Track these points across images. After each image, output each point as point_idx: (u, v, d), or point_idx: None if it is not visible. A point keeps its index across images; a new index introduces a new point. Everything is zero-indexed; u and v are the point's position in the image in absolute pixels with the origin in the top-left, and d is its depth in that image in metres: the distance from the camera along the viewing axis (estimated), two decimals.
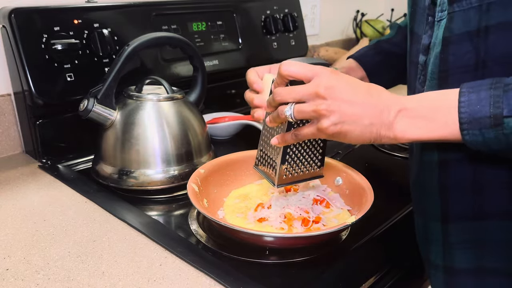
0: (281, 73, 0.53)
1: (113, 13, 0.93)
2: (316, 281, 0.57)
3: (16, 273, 0.57)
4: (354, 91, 0.51)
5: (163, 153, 0.80)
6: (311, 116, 0.52)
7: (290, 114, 0.53)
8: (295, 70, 0.53)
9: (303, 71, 0.52)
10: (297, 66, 0.53)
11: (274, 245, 0.62)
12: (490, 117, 0.45)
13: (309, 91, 0.51)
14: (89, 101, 0.78)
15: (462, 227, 0.57)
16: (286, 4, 1.28)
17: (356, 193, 0.70)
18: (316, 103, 0.51)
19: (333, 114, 0.50)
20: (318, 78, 0.51)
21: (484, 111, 0.46)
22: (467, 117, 0.47)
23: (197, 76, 0.91)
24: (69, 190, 0.79)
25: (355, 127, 0.50)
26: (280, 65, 0.53)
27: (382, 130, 0.50)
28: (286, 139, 0.57)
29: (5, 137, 0.94)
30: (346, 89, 0.50)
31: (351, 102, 0.50)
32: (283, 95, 0.53)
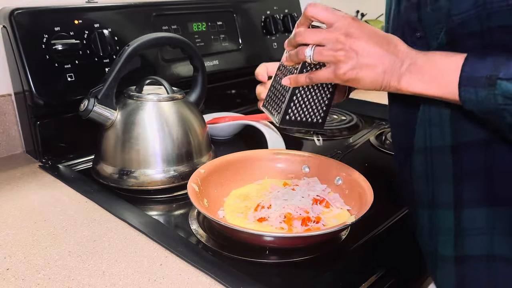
0: (306, 14, 0.56)
1: (114, 13, 0.93)
2: (316, 281, 0.58)
3: (17, 273, 0.57)
4: (373, 40, 0.53)
5: (163, 153, 0.80)
6: (329, 60, 0.54)
7: (310, 55, 0.55)
8: (320, 13, 0.55)
9: (327, 15, 0.54)
10: (322, 9, 0.55)
11: (274, 245, 0.62)
12: (487, 77, 0.47)
13: (330, 36, 0.53)
14: (89, 101, 0.78)
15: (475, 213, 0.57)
16: (286, 4, 1.28)
17: (356, 193, 0.70)
18: (335, 47, 0.53)
19: (350, 60, 0.52)
20: (340, 23, 0.53)
21: (483, 71, 0.48)
22: (467, 76, 0.49)
23: (197, 76, 0.91)
24: (70, 190, 0.79)
25: (369, 73, 0.52)
26: (307, 6, 0.55)
27: (392, 79, 0.52)
28: (298, 80, 0.59)
29: (5, 137, 0.94)
30: (365, 37, 0.52)
31: (369, 50, 0.52)
32: (304, 35, 0.56)
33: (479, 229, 0.58)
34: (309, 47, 0.56)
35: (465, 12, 0.51)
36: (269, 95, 0.68)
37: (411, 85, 0.52)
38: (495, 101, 0.47)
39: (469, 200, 0.58)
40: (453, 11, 0.52)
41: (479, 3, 0.50)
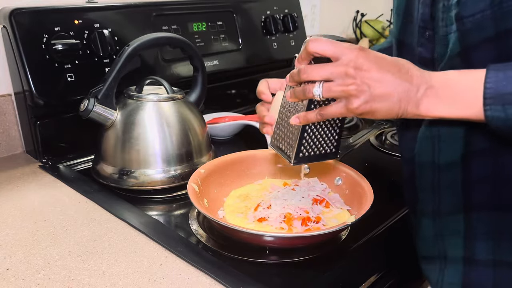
0: (309, 50, 0.52)
1: (114, 13, 0.93)
2: (316, 281, 0.58)
3: (17, 273, 0.57)
4: (384, 69, 0.50)
5: (163, 153, 0.80)
6: (340, 95, 0.52)
7: (319, 93, 0.52)
8: (324, 47, 0.52)
9: (332, 49, 0.51)
10: (325, 43, 0.52)
11: (274, 245, 0.63)
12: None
13: (338, 70, 0.51)
14: (89, 101, 0.78)
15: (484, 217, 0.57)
16: (286, 4, 1.28)
17: (356, 193, 0.70)
18: (345, 82, 0.50)
19: (363, 94, 0.50)
20: (347, 57, 0.50)
21: (509, 87, 0.46)
22: (492, 93, 0.46)
23: (197, 76, 0.91)
24: (70, 190, 0.79)
25: (384, 104, 0.50)
26: (308, 42, 0.52)
27: (409, 106, 0.50)
28: (308, 118, 0.56)
29: (5, 137, 0.94)
30: (375, 67, 0.50)
31: (381, 81, 0.50)
32: (310, 72, 0.53)
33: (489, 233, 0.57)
34: (317, 84, 0.52)
35: (480, 12, 0.49)
36: (276, 133, 0.65)
37: (431, 110, 0.50)
38: None
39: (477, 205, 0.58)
40: (466, 11, 0.50)
41: (495, 3, 0.48)
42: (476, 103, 0.48)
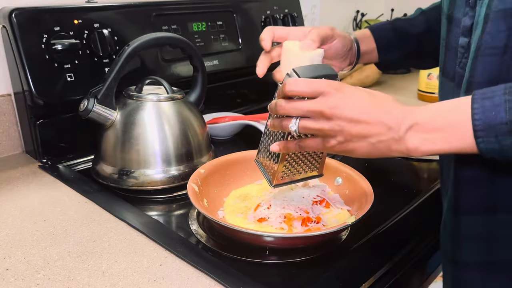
0: (286, 93, 0.53)
1: (113, 13, 0.93)
2: (316, 281, 0.57)
3: (16, 273, 0.57)
4: (360, 109, 0.50)
5: (163, 153, 0.80)
6: (316, 133, 0.52)
7: (295, 129, 0.53)
8: (300, 89, 0.52)
9: (309, 90, 0.52)
10: (302, 84, 0.52)
11: (274, 245, 0.62)
12: (507, 123, 0.44)
13: (313, 109, 0.51)
14: (89, 101, 0.78)
15: (473, 219, 0.57)
16: (286, 4, 1.28)
17: (356, 193, 0.70)
18: (321, 122, 0.51)
19: (339, 134, 0.50)
20: (324, 97, 0.51)
21: (499, 117, 0.44)
22: (482, 124, 0.45)
23: (197, 76, 0.91)
24: (69, 190, 0.79)
25: (361, 144, 0.50)
26: (284, 84, 0.53)
27: (392, 145, 0.50)
28: (288, 147, 0.57)
29: (5, 137, 0.94)
30: (352, 107, 0.50)
31: (358, 121, 0.50)
32: (287, 109, 0.53)
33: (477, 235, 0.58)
34: (293, 119, 0.53)
35: None
36: (261, 151, 0.65)
37: (420, 147, 0.49)
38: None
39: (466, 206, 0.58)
40: None
41: None
42: (467, 135, 0.47)
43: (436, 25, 0.73)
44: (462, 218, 0.58)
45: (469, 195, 0.57)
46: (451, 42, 0.62)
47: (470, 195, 0.57)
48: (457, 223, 0.59)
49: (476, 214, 0.57)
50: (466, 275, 0.60)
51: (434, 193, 0.82)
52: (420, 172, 0.95)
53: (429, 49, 0.81)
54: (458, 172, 0.58)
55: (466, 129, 0.47)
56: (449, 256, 0.62)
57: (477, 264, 0.58)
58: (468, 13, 0.57)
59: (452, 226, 0.60)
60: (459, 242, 0.60)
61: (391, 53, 0.83)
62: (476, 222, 0.57)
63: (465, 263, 0.59)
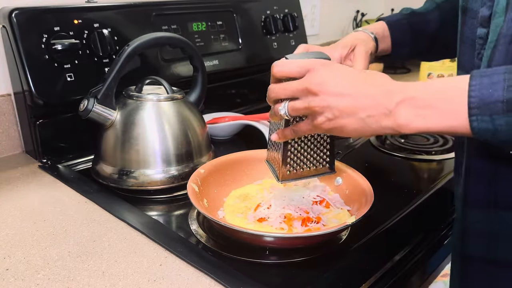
0: (275, 75, 0.53)
1: (113, 13, 0.93)
2: (316, 281, 0.57)
3: (16, 273, 0.57)
4: (348, 83, 0.49)
5: (163, 153, 0.80)
6: (305, 112, 0.52)
7: (284, 112, 0.53)
8: (287, 69, 0.52)
9: (295, 69, 0.52)
10: (289, 64, 0.52)
11: (274, 245, 0.62)
12: (503, 101, 0.42)
13: (300, 87, 0.51)
14: (89, 101, 0.78)
15: (477, 214, 0.57)
16: (286, 4, 1.28)
17: (356, 193, 0.70)
18: (308, 99, 0.50)
19: (326, 110, 0.49)
20: (310, 74, 0.50)
21: (496, 95, 0.42)
22: (477, 102, 0.43)
23: (197, 76, 0.91)
24: (69, 190, 0.79)
25: (350, 120, 0.49)
26: (272, 66, 0.54)
27: (382, 121, 0.48)
28: (285, 134, 0.57)
29: (5, 137, 0.94)
30: (338, 82, 0.49)
31: (344, 95, 0.48)
32: (276, 91, 0.53)
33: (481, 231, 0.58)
34: (282, 103, 0.53)
35: None
36: (269, 150, 0.66)
37: (412, 122, 0.46)
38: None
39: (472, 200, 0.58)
40: None
41: None
42: (461, 113, 0.44)
43: (450, 19, 0.73)
44: (469, 212, 0.58)
45: (476, 188, 0.57)
46: (466, 34, 0.61)
47: (477, 189, 0.57)
48: (465, 217, 0.59)
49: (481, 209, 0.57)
50: (473, 270, 0.60)
51: (434, 193, 0.82)
52: (420, 172, 0.95)
53: (441, 44, 0.81)
54: (468, 164, 0.58)
55: (460, 107, 0.44)
56: (458, 250, 0.61)
57: (484, 259, 0.58)
58: (486, 3, 0.56)
59: (461, 219, 0.60)
60: (466, 236, 0.59)
61: (403, 50, 0.82)
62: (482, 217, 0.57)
63: (472, 257, 0.59)
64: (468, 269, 0.61)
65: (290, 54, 0.57)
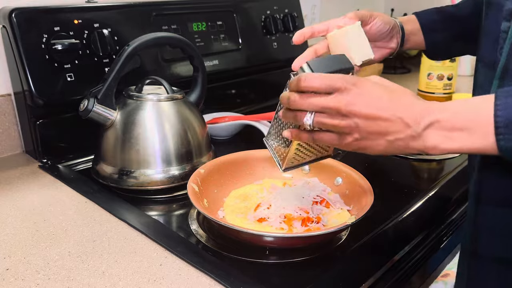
0: (300, 88, 0.51)
1: (113, 13, 0.93)
2: (316, 281, 0.57)
3: (16, 273, 0.57)
4: (378, 105, 0.48)
5: (163, 153, 0.80)
6: (331, 129, 0.51)
7: (310, 124, 0.52)
8: (316, 84, 0.50)
9: (324, 86, 0.50)
10: (317, 80, 0.50)
11: (274, 245, 0.62)
12: None
13: (329, 106, 0.49)
14: (89, 101, 0.78)
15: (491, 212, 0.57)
16: (286, 4, 1.28)
17: (356, 193, 0.70)
18: (337, 119, 0.50)
19: (355, 131, 0.49)
20: (340, 94, 0.49)
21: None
22: (504, 121, 0.44)
23: (197, 76, 0.91)
24: (69, 190, 0.79)
25: (378, 142, 0.49)
26: (299, 79, 0.51)
27: (410, 143, 0.48)
28: (301, 137, 0.55)
29: (5, 137, 0.94)
30: (369, 104, 0.48)
31: (375, 118, 0.48)
32: (301, 103, 0.51)
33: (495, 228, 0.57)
34: (308, 114, 0.51)
35: None
36: (271, 133, 0.63)
37: (440, 145, 0.47)
38: None
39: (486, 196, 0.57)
40: None
41: None
42: (488, 134, 0.45)
43: None
44: (482, 209, 0.58)
45: (491, 184, 0.56)
46: (488, 27, 0.61)
47: (491, 184, 0.56)
48: (478, 215, 0.58)
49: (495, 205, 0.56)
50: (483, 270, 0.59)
51: (434, 193, 0.82)
52: (420, 172, 0.95)
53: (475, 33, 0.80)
54: (482, 160, 0.57)
55: (487, 128, 0.45)
56: (468, 248, 0.61)
57: (496, 259, 0.58)
58: None
59: (473, 217, 0.59)
60: (478, 235, 0.59)
61: (436, 34, 0.81)
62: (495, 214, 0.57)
63: (483, 257, 0.59)
64: (477, 269, 0.60)
65: (312, 60, 0.54)
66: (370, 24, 0.75)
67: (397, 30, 0.78)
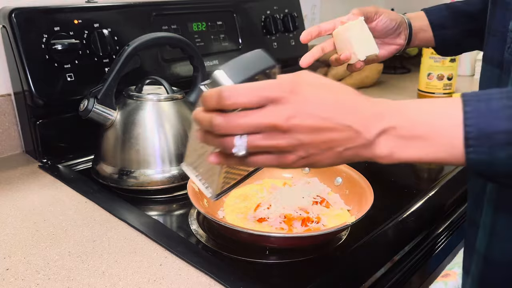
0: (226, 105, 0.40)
1: (113, 13, 0.93)
2: (316, 281, 0.57)
3: (16, 273, 0.57)
4: (323, 113, 0.41)
5: (163, 153, 0.80)
6: (269, 150, 0.42)
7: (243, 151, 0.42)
8: (244, 100, 0.40)
9: (256, 99, 0.40)
10: (246, 93, 0.40)
11: (274, 245, 0.62)
12: (506, 132, 0.37)
13: (265, 123, 0.40)
14: (89, 101, 0.78)
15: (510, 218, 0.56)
16: (286, 4, 1.28)
17: (356, 193, 0.70)
18: (276, 137, 0.41)
19: (299, 149, 0.41)
20: (276, 106, 0.40)
21: (497, 124, 0.37)
22: (475, 131, 0.38)
23: (197, 76, 0.91)
24: (69, 190, 0.79)
25: (326, 155, 0.42)
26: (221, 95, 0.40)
27: (361, 152, 0.42)
28: (229, 162, 0.45)
29: (5, 137, 0.94)
30: (312, 113, 0.40)
31: (320, 129, 0.41)
32: (228, 128, 0.41)
33: None
34: (237, 138, 0.41)
35: None
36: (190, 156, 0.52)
37: (395, 154, 0.42)
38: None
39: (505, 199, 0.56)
40: None
41: None
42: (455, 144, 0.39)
43: None
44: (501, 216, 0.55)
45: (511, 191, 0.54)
46: (495, 26, 0.60)
47: None
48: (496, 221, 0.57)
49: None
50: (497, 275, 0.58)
51: (434, 193, 0.82)
52: (420, 172, 0.95)
53: None
54: None
55: (454, 137, 0.39)
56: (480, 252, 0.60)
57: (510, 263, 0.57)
58: None
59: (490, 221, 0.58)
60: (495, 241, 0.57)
61: (446, 31, 0.80)
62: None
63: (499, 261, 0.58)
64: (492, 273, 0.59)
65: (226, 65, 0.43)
66: (376, 21, 0.74)
67: (405, 26, 0.77)
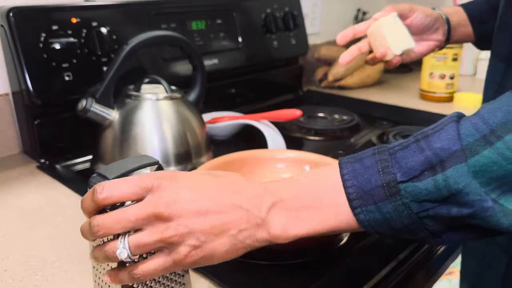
0: (100, 200, 0.38)
1: (112, 11, 0.93)
2: (316, 281, 0.57)
3: (15, 274, 0.57)
4: (207, 196, 0.39)
5: (162, 153, 0.79)
6: (157, 247, 0.38)
7: (127, 254, 0.38)
8: (119, 192, 0.38)
9: (132, 190, 0.38)
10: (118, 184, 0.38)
11: (274, 246, 0.62)
12: (383, 185, 0.36)
13: (144, 213, 0.37)
14: (87, 101, 0.78)
15: None
16: (287, 2, 1.28)
17: None
18: (159, 229, 0.37)
19: (188, 237, 0.38)
20: (154, 194, 0.38)
21: (373, 180, 0.37)
22: (356, 191, 0.37)
23: (196, 75, 0.91)
24: (68, 190, 0.79)
25: (220, 241, 0.38)
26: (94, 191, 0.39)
27: (256, 233, 0.39)
28: (121, 279, 0.40)
29: (3, 137, 0.93)
30: (194, 197, 0.38)
31: (206, 212, 0.38)
32: (107, 226, 0.38)
33: None
34: (118, 241, 0.38)
35: None
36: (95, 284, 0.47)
37: (290, 228, 0.39)
38: (409, 210, 0.36)
39: None
40: None
41: None
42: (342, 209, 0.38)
43: None
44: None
45: None
46: (508, 22, 0.59)
47: None
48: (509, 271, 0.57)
49: None
50: None
51: None
52: None
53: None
54: None
55: (339, 202, 0.38)
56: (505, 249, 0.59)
57: None
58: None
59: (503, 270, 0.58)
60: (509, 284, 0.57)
61: (486, 24, 0.78)
62: None
63: None
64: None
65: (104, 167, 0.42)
66: (411, 18, 0.74)
67: (442, 22, 0.76)
